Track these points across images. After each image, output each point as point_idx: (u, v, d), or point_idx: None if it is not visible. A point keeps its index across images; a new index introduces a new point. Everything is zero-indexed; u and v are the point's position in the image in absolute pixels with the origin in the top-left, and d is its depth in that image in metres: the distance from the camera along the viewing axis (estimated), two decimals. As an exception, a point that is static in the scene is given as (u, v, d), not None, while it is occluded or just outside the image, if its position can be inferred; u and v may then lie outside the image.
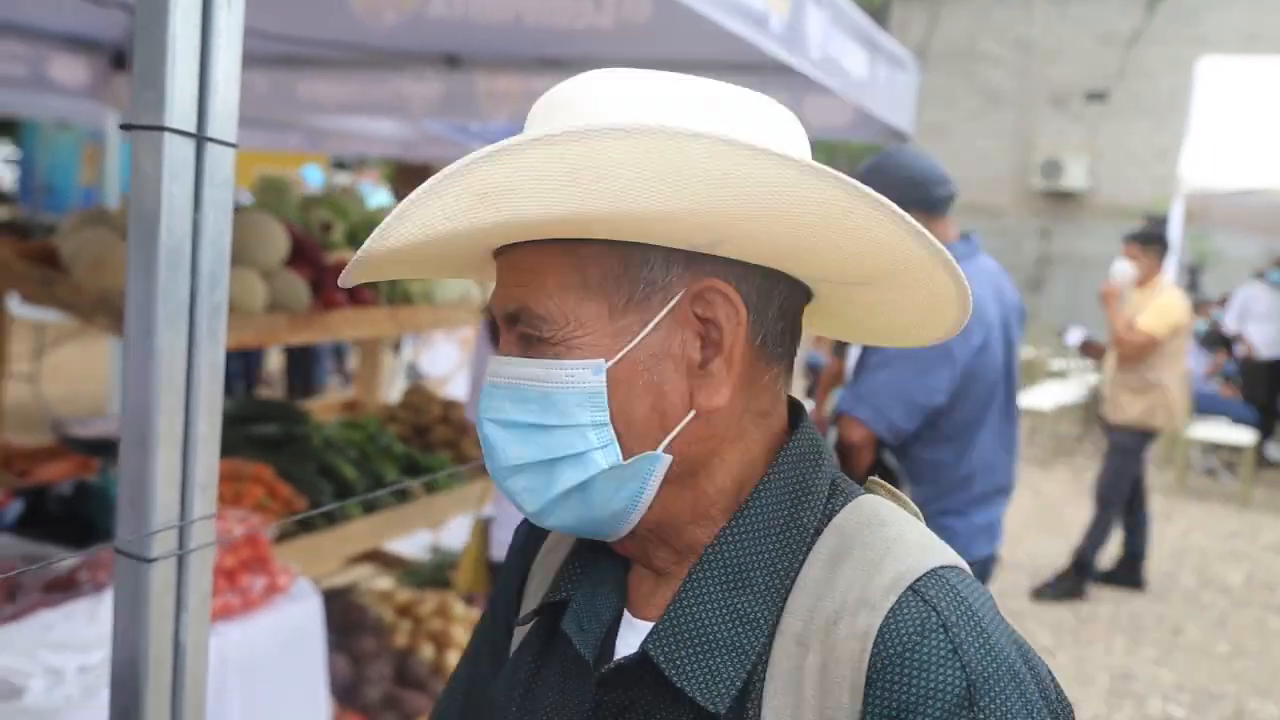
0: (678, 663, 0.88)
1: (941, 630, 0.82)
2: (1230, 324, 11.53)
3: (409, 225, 0.84)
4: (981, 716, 0.79)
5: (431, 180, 0.82)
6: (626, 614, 1.00)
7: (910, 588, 0.85)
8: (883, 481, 1.01)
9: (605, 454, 0.89)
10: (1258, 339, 11.23)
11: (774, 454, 0.96)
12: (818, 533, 0.92)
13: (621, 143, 0.79)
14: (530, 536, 1.16)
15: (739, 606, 0.89)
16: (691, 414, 0.91)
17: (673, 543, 0.95)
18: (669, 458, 0.91)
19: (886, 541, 0.89)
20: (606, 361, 0.89)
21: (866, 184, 0.84)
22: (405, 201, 0.83)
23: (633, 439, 0.90)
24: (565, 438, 0.89)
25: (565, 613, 0.99)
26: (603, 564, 1.01)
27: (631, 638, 0.96)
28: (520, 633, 1.09)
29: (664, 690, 0.89)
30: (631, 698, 0.91)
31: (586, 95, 0.90)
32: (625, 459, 0.89)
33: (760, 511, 0.92)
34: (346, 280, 0.92)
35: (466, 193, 0.82)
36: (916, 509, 1.00)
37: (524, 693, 1.02)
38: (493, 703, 1.06)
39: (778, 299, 0.94)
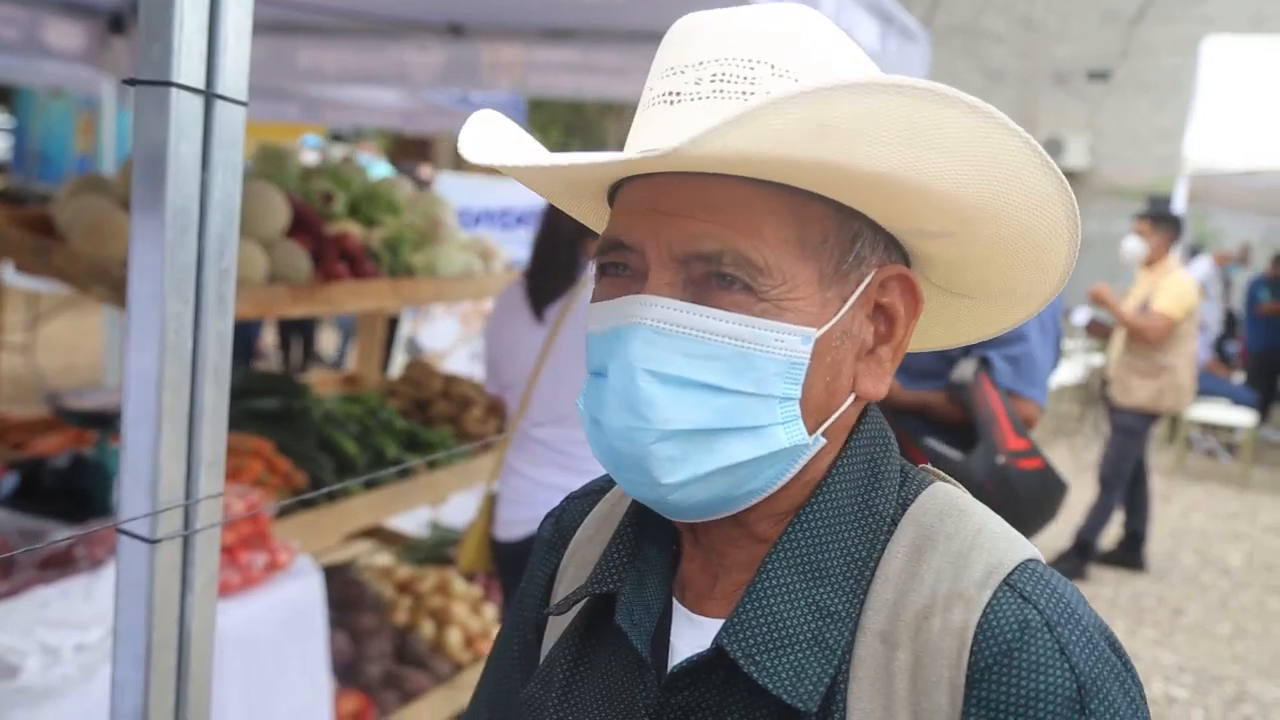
0: (758, 660, 0.82)
1: (1046, 629, 0.79)
2: None
3: (739, 135, 0.72)
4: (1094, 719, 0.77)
5: (780, 95, 0.70)
6: (681, 609, 0.93)
7: (1005, 582, 0.82)
8: (936, 470, 0.96)
9: (788, 431, 0.83)
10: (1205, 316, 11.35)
11: (845, 439, 0.91)
12: (894, 522, 0.88)
13: (969, 119, 0.76)
14: (559, 529, 1.09)
15: (819, 599, 0.84)
16: (852, 398, 0.88)
17: (748, 526, 0.89)
18: (825, 441, 0.87)
19: (971, 532, 0.86)
20: (817, 331, 0.83)
21: None
22: (745, 110, 0.70)
23: (805, 416, 0.84)
24: (750, 406, 0.81)
25: (608, 609, 0.93)
26: (649, 554, 0.95)
27: (689, 633, 0.90)
28: (553, 632, 1.02)
29: (735, 690, 0.84)
30: (699, 699, 0.85)
31: (823, 38, 0.85)
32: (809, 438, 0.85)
33: (834, 498, 0.87)
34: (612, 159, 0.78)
35: (811, 121, 0.73)
36: (967, 491, 0.95)
37: (562, 694, 0.95)
38: (525, 707, 0.99)
39: None
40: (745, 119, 0.71)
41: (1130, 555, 6.80)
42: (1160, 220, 6.62)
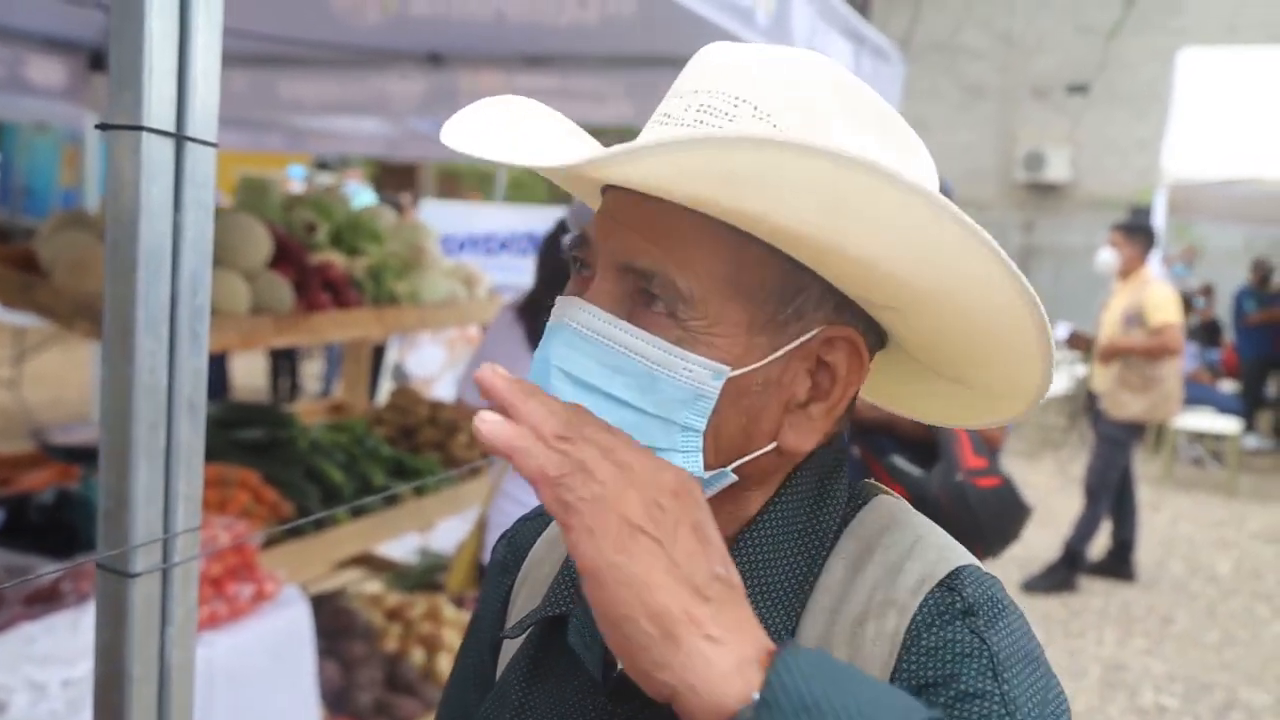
0: None
1: (963, 616, 0.82)
2: None
3: (636, 166, 0.75)
4: (1006, 688, 0.78)
5: (687, 135, 0.73)
6: None
7: (937, 587, 0.85)
8: (880, 485, 0.99)
9: (686, 460, 0.84)
10: None
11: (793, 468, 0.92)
12: (836, 537, 0.90)
13: (900, 196, 0.74)
14: (512, 552, 1.11)
15: (759, 615, 0.84)
16: (772, 446, 0.87)
17: None
18: (734, 478, 0.87)
19: (908, 543, 0.89)
20: (730, 370, 0.83)
21: None
22: (650, 143, 0.72)
23: (712, 452, 0.85)
24: (650, 427, 0.82)
25: (562, 628, 0.94)
26: None
27: None
28: (508, 653, 1.04)
29: None
30: (644, 710, 0.87)
31: (815, 93, 0.84)
32: (706, 472, 0.85)
33: (780, 518, 0.90)
34: (506, 159, 0.81)
35: (719, 165, 0.74)
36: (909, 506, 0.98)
37: (515, 714, 0.97)
38: None
39: (873, 356, 0.93)
40: (641, 153, 0.73)
41: (1119, 565, 6.83)
42: (1134, 231, 6.69)
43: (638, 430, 0.82)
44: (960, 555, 0.89)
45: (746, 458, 0.86)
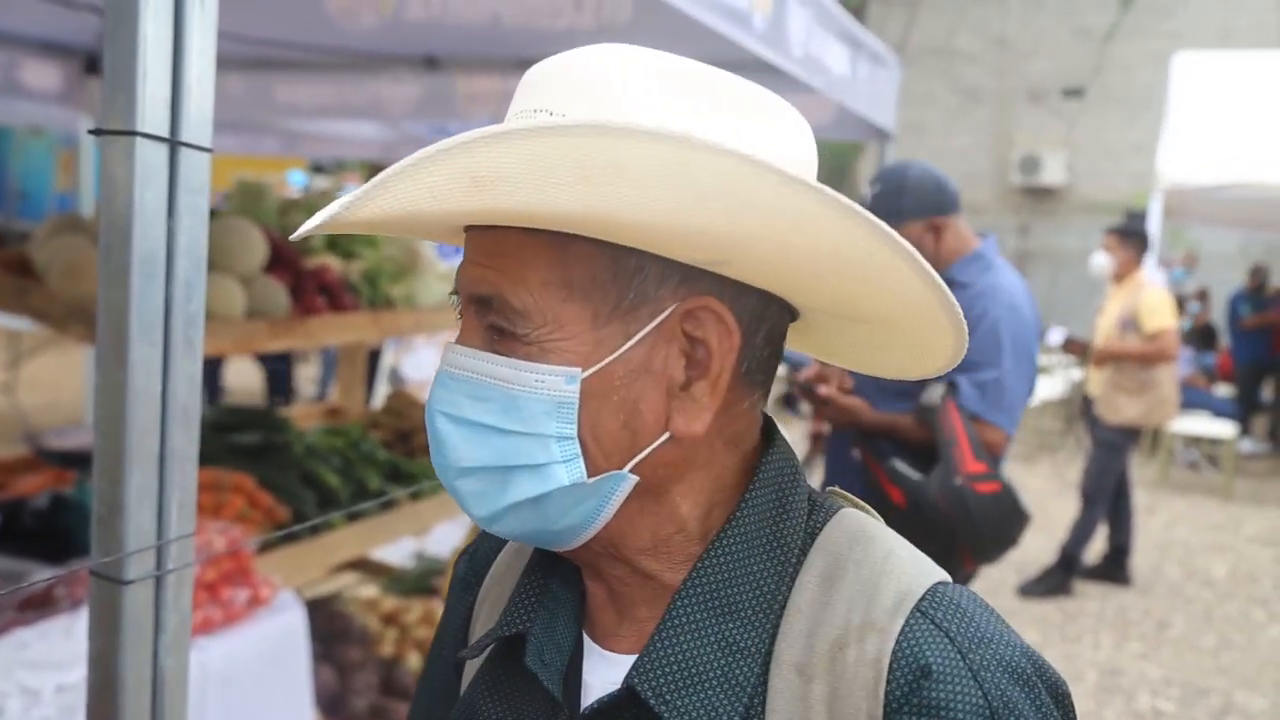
0: (668, 698, 0.82)
1: (958, 656, 0.80)
2: None
3: (388, 198, 0.75)
4: None
5: (421, 153, 0.73)
6: (592, 645, 0.93)
7: (916, 608, 0.83)
8: (841, 491, 0.97)
9: (568, 469, 0.83)
10: None
11: (748, 475, 0.91)
12: (803, 552, 0.88)
13: (645, 148, 0.72)
14: (473, 566, 1.09)
15: (728, 635, 0.84)
16: (666, 436, 0.85)
17: (629, 563, 0.89)
18: (635, 478, 0.85)
19: (879, 558, 0.86)
20: (583, 370, 0.82)
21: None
22: (389, 172, 0.74)
23: (599, 455, 0.83)
24: (525, 446, 0.82)
25: (520, 647, 0.93)
26: (556, 592, 0.95)
27: (602, 669, 0.91)
28: (471, 668, 1.02)
29: None
30: None
31: (603, 77, 0.82)
32: (590, 477, 0.83)
33: (743, 533, 0.87)
34: (299, 234, 0.81)
35: (461, 175, 0.74)
36: (878, 515, 0.96)
37: None
38: None
39: (768, 324, 0.89)
40: (370, 193, 0.74)
41: (1115, 569, 6.83)
42: (1128, 235, 6.70)
43: (515, 452, 0.82)
44: (932, 570, 0.87)
45: (641, 454, 0.84)
